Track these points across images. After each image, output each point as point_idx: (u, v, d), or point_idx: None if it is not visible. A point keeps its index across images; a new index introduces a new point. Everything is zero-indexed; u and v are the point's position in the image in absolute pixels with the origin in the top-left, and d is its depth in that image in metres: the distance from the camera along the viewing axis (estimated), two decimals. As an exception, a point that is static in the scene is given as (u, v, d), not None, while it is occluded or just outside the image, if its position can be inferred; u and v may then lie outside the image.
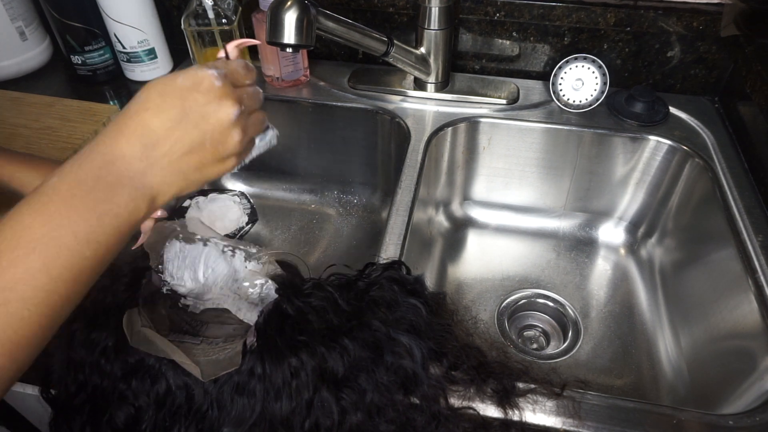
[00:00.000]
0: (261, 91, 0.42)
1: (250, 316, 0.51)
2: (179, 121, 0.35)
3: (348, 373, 0.44)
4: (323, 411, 0.43)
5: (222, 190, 0.92)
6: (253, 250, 0.56)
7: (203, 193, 0.87)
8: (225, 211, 0.83)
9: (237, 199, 0.85)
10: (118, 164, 0.33)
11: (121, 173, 0.33)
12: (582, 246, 0.87)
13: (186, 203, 0.84)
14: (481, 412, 0.47)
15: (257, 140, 0.43)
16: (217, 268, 0.54)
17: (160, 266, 0.52)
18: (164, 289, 0.52)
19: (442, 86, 0.84)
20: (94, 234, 0.32)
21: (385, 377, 0.45)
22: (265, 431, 0.43)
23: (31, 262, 0.30)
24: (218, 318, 0.52)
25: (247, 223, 0.83)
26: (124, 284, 0.50)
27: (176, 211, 0.83)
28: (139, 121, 0.34)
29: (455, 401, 0.47)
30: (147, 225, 0.49)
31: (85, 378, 0.45)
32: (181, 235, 0.53)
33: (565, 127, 0.79)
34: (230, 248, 0.55)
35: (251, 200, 0.87)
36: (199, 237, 0.55)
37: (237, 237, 0.81)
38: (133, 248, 0.50)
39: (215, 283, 0.53)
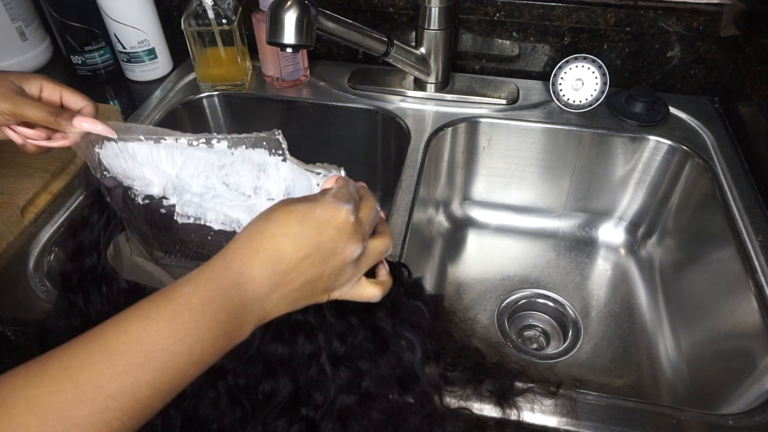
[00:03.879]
0: (378, 208, 0.41)
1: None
2: (310, 254, 0.35)
3: (349, 352, 0.43)
4: (318, 380, 0.42)
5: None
6: (241, 135, 0.44)
7: None
8: None
9: None
10: (247, 287, 0.33)
11: (247, 296, 0.33)
12: (582, 246, 0.87)
13: None
14: (477, 413, 0.47)
15: None
16: (190, 159, 0.44)
17: (105, 173, 0.44)
18: (139, 200, 0.44)
19: (442, 86, 0.84)
20: (206, 354, 0.31)
21: (385, 370, 0.44)
22: (263, 370, 0.42)
23: (142, 374, 0.29)
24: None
25: None
26: (91, 208, 0.46)
27: None
28: (275, 245, 0.34)
29: (451, 401, 0.47)
30: (75, 131, 0.45)
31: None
32: (116, 136, 0.44)
33: (565, 127, 0.79)
34: (203, 140, 0.43)
35: None
36: (141, 136, 0.44)
37: None
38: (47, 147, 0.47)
39: (195, 174, 0.44)
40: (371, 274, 0.42)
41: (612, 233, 0.87)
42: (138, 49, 0.83)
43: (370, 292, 0.40)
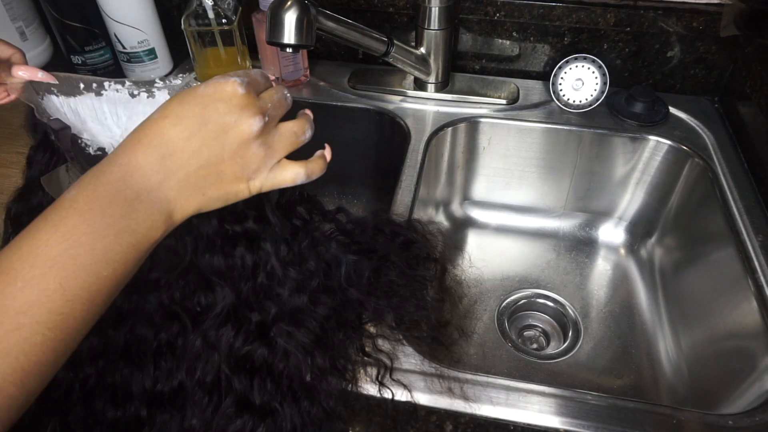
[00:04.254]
0: (288, 95, 0.38)
1: None
2: (197, 131, 0.33)
3: (296, 257, 0.43)
4: (267, 285, 0.42)
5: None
6: (178, 81, 0.44)
7: None
8: None
9: None
10: (135, 177, 0.32)
11: (138, 187, 0.32)
12: (582, 246, 0.87)
13: None
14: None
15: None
16: (135, 114, 0.43)
17: (50, 116, 0.43)
18: (91, 150, 0.43)
19: (442, 86, 0.84)
20: (112, 252, 0.30)
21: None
22: (198, 282, 0.40)
23: (47, 283, 0.28)
24: None
25: None
26: (37, 148, 0.44)
27: None
28: (157, 129, 0.33)
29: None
30: (15, 82, 0.43)
31: None
32: (54, 89, 0.43)
33: (565, 127, 0.79)
34: (143, 89, 0.44)
35: None
36: (83, 86, 0.43)
37: None
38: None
39: None
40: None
41: (612, 233, 0.87)
42: (138, 49, 0.83)
43: (291, 172, 0.37)
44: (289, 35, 0.61)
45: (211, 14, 0.76)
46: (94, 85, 0.42)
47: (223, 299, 0.40)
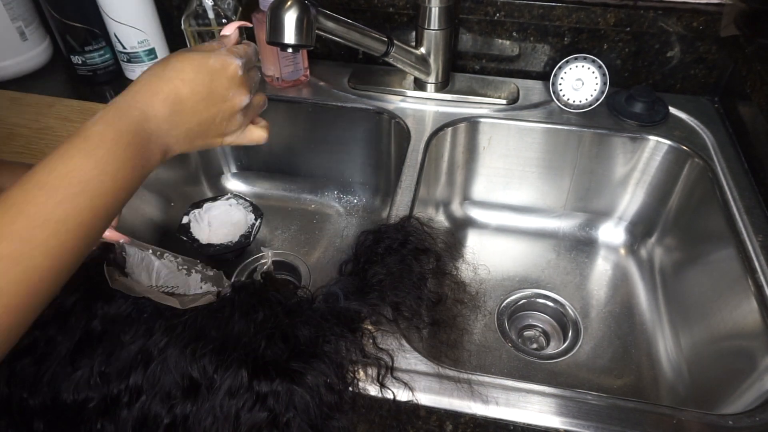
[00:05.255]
0: (260, 75, 0.49)
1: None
2: (204, 97, 0.42)
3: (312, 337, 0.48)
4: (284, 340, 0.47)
5: (214, 197, 0.85)
6: (211, 273, 0.58)
7: (197, 205, 0.83)
8: (228, 216, 0.81)
9: (234, 200, 0.84)
10: (151, 123, 0.39)
11: (151, 132, 0.39)
12: (582, 246, 0.87)
13: (184, 220, 0.80)
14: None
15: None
16: (170, 281, 0.55)
17: (123, 253, 0.55)
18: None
19: (442, 86, 0.84)
20: (127, 180, 0.37)
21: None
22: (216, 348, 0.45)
23: (81, 200, 0.34)
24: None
25: (255, 219, 0.81)
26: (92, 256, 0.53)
27: (178, 228, 0.79)
28: (173, 87, 0.41)
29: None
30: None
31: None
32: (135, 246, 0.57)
33: (565, 127, 0.79)
34: (185, 267, 0.57)
35: (247, 198, 0.85)
36: (151, 251, 0.56)
37: (251, 236, 0.79)
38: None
39: (162, 282, 0.55)
40: None
41: (612, 233, 0.87)
42: (138, 49, 0.83)
43: (257, 134, 0.48)
44: (289, 35, 0.61)
45: (211, 14, 0.77)
46: (158, 252, 0.56)
47: (239, 367, 0.44)
